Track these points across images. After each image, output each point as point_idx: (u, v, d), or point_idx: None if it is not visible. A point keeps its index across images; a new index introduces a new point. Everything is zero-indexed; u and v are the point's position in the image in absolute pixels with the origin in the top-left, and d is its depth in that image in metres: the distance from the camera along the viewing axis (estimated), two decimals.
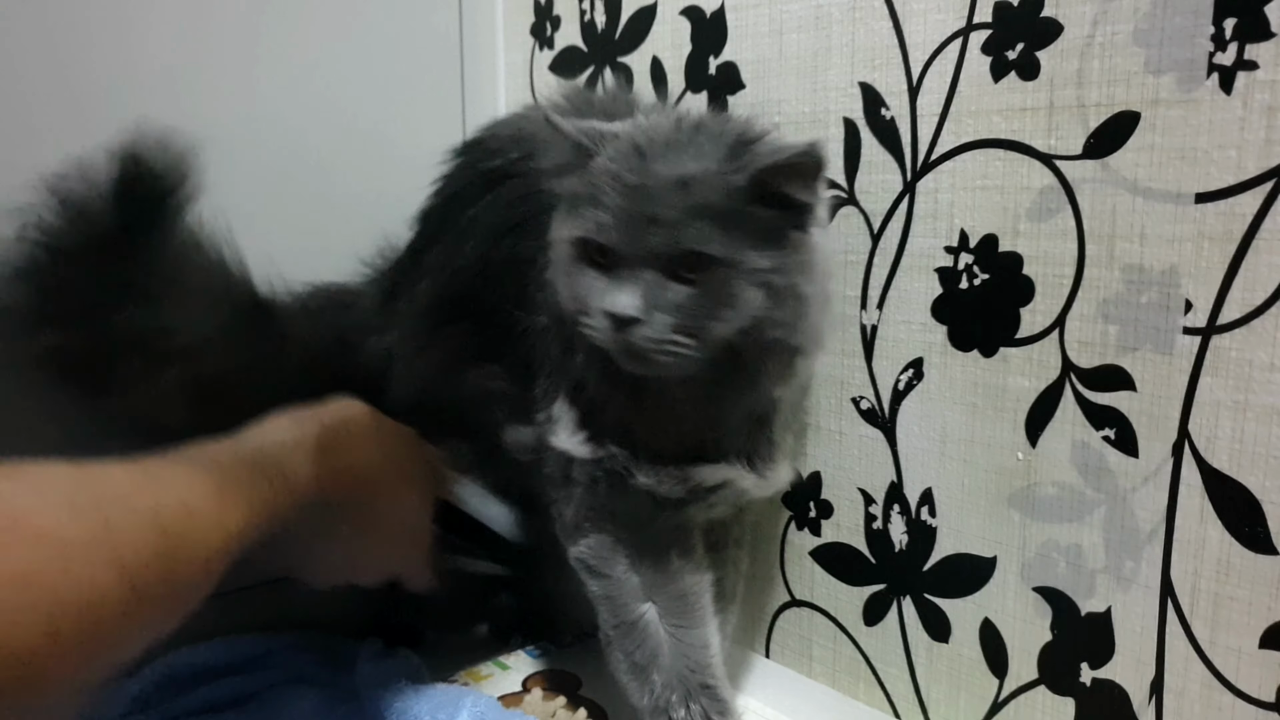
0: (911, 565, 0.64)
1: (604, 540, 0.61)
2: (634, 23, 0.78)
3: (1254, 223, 0.48)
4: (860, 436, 0.66)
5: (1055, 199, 0.55)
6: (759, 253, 0.50)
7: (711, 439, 0.58)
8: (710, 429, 0.57)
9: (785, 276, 0.51)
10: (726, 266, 0.50)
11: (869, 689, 0.68)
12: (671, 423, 0.56)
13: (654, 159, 0.51)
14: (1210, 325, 0.50)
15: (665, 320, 0.50)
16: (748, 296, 0.50)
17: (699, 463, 0.58)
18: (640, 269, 0.50)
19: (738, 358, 0.52)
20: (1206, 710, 0.51)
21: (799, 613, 0.72)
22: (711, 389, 0.54)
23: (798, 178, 0.50)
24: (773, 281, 0.51)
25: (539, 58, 0.88)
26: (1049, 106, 0.54)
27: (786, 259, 0.51)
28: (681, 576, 0.61)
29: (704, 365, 0.52)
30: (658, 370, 0.51)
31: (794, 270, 0.52)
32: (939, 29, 0.59)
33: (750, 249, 0.50)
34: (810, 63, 0.66)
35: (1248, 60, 0.47)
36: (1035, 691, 0.59)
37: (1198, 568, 0.51)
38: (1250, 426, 0.49)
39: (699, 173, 0.50)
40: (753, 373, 0.54)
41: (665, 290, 0.50)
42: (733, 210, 0.50)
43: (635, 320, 0.49)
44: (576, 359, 0.58)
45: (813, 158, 0.50)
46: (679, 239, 0.49)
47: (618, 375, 0.54)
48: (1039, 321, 0.56)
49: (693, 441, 0.58)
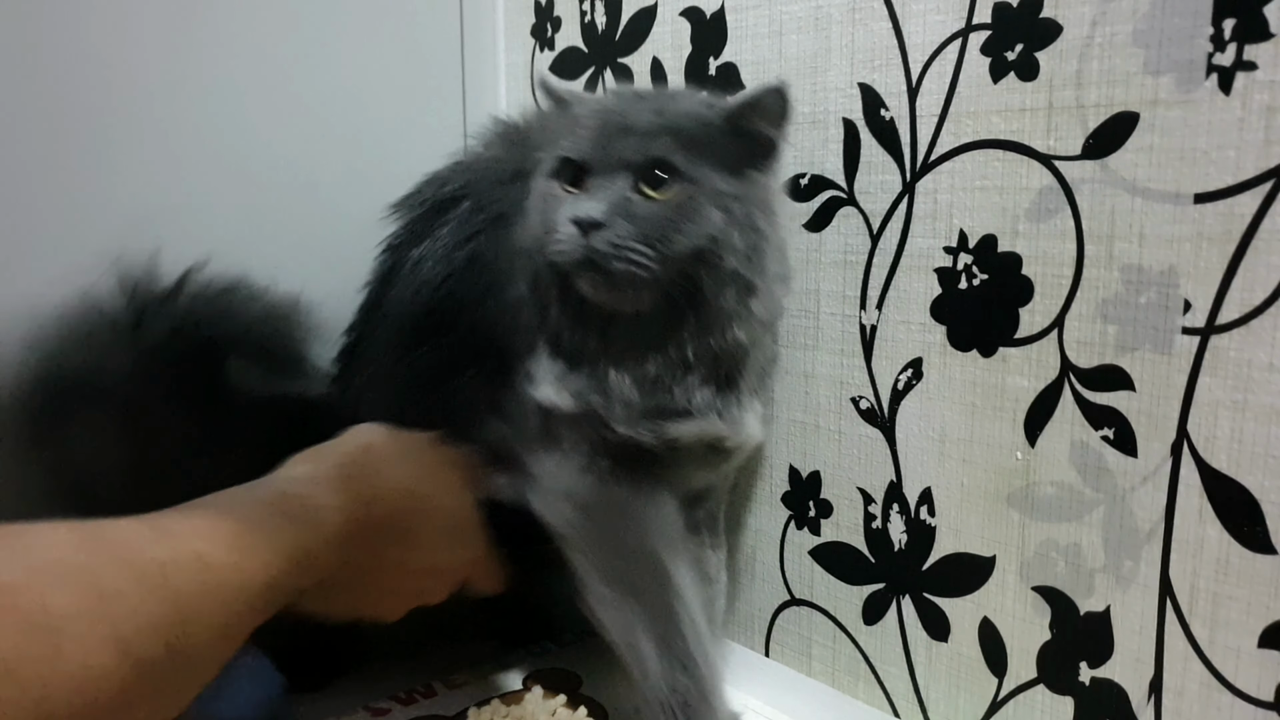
0: (911, 564, 0.64)
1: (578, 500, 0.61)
2: (634, 24, 0.78)
3: (1253, 223, 0.48)
4: (859, 436, 0.66)
5: (1054, 199, 0.55)
6: (722, 178, 0.55)
7: (680, 389, 0.58)
8: (677, 371, 0.58)
9: (744, 206, 0.56)
10: (690, 183, 0.54)
11: (868, 688, 0.68)
12: (638, 363, 0.57)
13: (632, 98, 0.59)
14: (1209, 325, 0.50)
15: (627, 227, 0.53)
16: (708, 215, 0.54)
17: (672, 416, 0.58)
18: (608, 179, 0.54)
19: (697, 292, 0.55)
20: (1205, 709, 0.52)
21: (798, 612, 0.72)
22: (674, 323, 0.56)
23: (766, 114, 0.56)
24: (732, 208, 0.55)
25: (540, 59, 0.88)
26: (1048, 107, 0.54)
27: (747, 190, 0.56)
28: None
29: (664, 299, 0.54)
30: (616, 285, 0.54)
31: (753, 203, 0.56)
32: (938, 30, 0.59)
33: (714, 172, 0.55)
34: (810, 64, 0.66)
35: (1247, 61, 0.47)
36: (1034, 690, 0.59)
37: (1196, 567, 0.51)
38: (1249, 426, 0.49)
39: (673, 105, 0.57)
40: (711, 306, 0.56)
41: (630, 202, 0.54)
42: (702, 136, 0.55)
43: (599, 224, 0.53)
44: (551, 312, 0.59)
45: (781, 95, 0.56)
46: (648, 147, 0.54)
47: (588, 317, 0.57)
48: (1038, 321, 0.56)
49: (663, 390, 0.58)
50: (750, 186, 0.56)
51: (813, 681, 0.71)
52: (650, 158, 0.54)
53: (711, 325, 0.57)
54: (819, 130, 0.66)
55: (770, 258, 0.58)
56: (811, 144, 0.67)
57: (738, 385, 0.60)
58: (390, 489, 0.54)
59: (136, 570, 0.37)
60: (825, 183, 0.66)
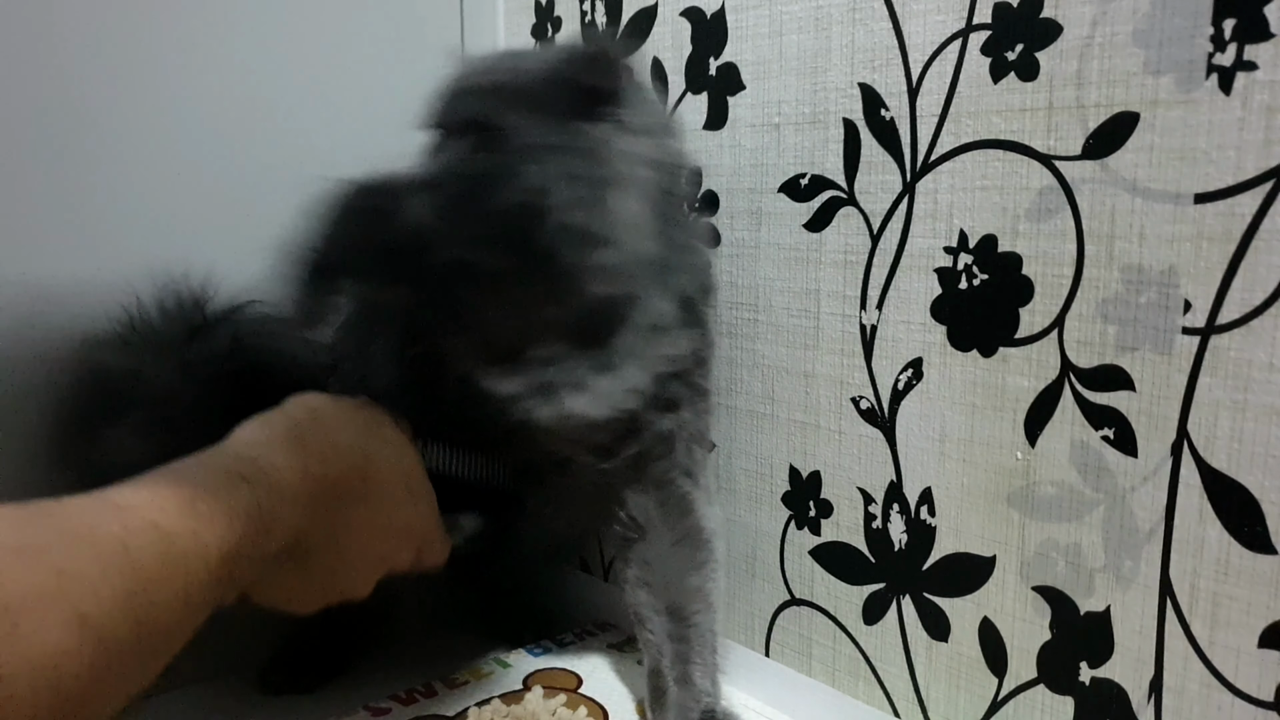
0: (911, 564, 0.64)
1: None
2: (635, 23, 0.78)
3: (1253, 223, 0.48)
4: (860, 436, 0.66)
5: (1054, 199, 0.55)
6: (544, 129, 0.54)
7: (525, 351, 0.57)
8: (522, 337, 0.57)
9: (565, 157, 0.54)
10: (503, 141, 0.54)
11: (868, 688, 0.68)
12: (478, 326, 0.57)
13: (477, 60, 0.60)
14: (1209, 325, 0.50)
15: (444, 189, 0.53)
16: (527, 172, 0.53)
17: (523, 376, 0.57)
18: (445, 138, 0.57)
19: (534, 253, 0.54)
20: (1205, 709, 0.52)
21: (798, 611, 0.72)
22: (510, 285, 0.55)
23: (591, 67, 0.56)
24: (548, 160, 0.54)
25: None
26: (1048, 107, 0.54)
27: (573, 141, 0.55)
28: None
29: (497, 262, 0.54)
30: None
31: (580, 156, 0.55)
32: (938, 30, 0.59)
33: (530, 125, 0.54)
34: (810, 64, 0.66)
35: (1247, 61, 0.47)
36: (1034, 690, 0.59)
37: (1197, 567, 0.51)
38: (1249, 426, 0.49)
39: (505, 62, 0.59)
40: (545, 262, 0.54)
41: (456, 153, 0.55)
42: (528, 91, 0.55)
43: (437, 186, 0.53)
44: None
45: (607, 48, 0.56)
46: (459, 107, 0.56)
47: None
48: (1038, 321, 0.56)
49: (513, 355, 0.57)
50: (578, 138, 0.55)
51: (813, 681, 0.71)
52: (465, 118, 0.55)
53: (549, 283, 0.55)
54: (819, 130, 0.66)
55: (616, 201, 0.55)
56: (812, 144, 0.67)
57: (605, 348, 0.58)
58: (345, 447, 0.53)
59: (94, 546, 0.36)
60: (825, 183, 0.66)
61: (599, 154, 0.55)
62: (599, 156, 0.55)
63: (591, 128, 0.56)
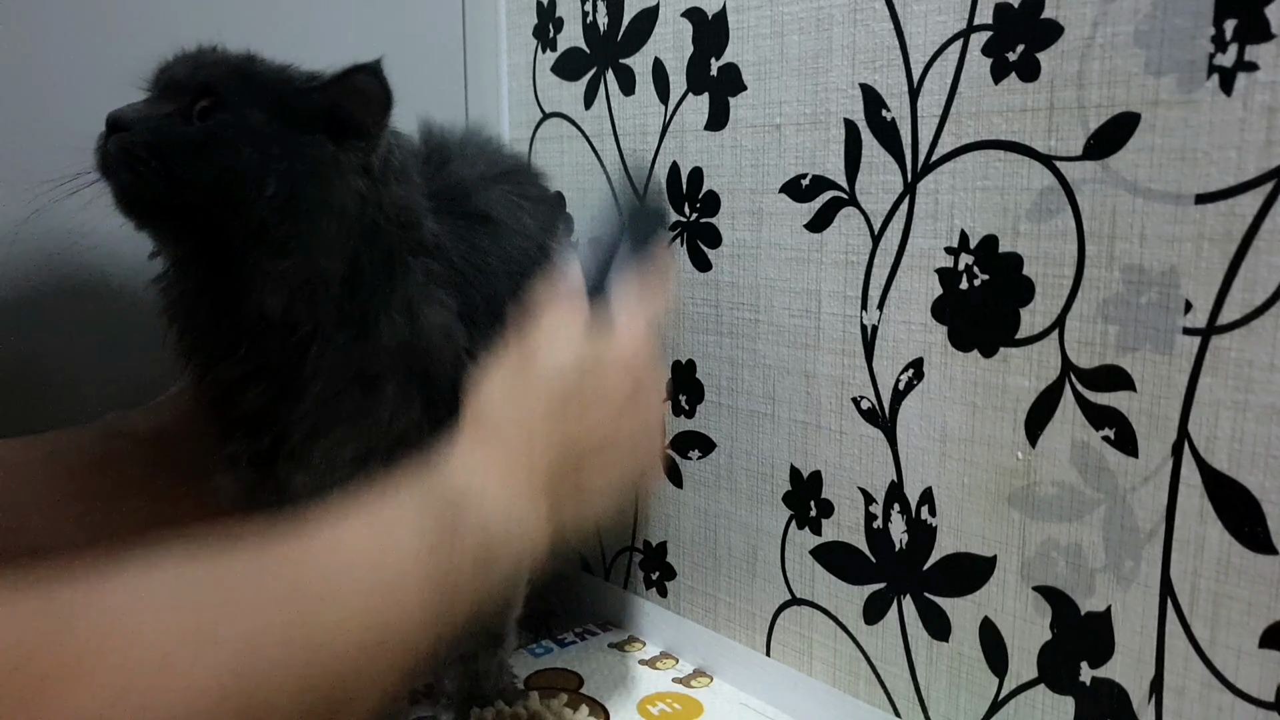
0: (912, 564, 0.64)
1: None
2: (636, 24, 0.78)
3: (1254, 223, 0.48)
4: (860, 436, 0.66)
5: (1055, 200, 0.55)
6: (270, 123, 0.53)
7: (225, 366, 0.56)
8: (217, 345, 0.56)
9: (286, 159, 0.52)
10: (230, 113, 0.52)
11: (869, 687, 0.68)
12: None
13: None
14: (1210, 325, 0.50)
15: (146, 134, 0.51)
16: (239, 151, 0.52)
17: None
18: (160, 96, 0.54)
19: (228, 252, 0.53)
20: (1206, 709, 0.52)
21: (799, 611, 0.72)
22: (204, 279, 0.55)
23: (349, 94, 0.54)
24: (271, 152, 0.52)
25: (541, 59, 0.88)
26: (1049, 107, 0.55)
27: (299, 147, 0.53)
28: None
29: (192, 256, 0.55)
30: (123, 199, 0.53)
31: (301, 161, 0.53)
32: (939, 30, 0.59)
33: (264, 116, 0.53)
34: (811, 64, 0.66)
35: (1248, 61, 0.47)
36: (1035, 690, 0.59)
37: (1197, 567, 0.51)
38: (1250, 426, 0.49)
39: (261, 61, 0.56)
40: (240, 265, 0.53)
41: (167, 116, 0.52)
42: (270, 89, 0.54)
43: (123, 128, 0.51)
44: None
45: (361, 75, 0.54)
46: (200, 73, 0.54)
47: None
48: (1039, 322, 0.56)
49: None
50: (307, 149, 0.53)
51: (814, 681, 0.71)
52: (197, 81, 0.53)
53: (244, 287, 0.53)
54: (820, 131, 0.66)
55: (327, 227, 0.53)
56: (813, 144, 0.67)
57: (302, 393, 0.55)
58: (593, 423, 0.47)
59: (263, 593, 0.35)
60: (826, 183, 0.66)
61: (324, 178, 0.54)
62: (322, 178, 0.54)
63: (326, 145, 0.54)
